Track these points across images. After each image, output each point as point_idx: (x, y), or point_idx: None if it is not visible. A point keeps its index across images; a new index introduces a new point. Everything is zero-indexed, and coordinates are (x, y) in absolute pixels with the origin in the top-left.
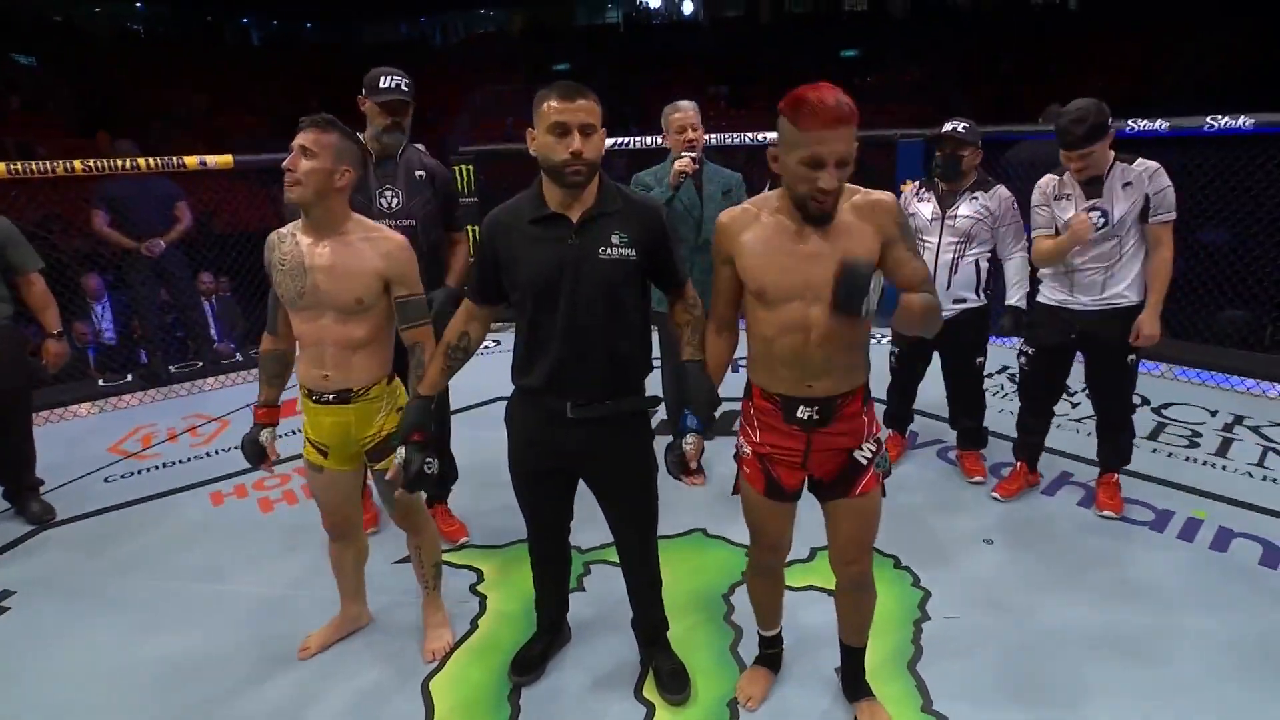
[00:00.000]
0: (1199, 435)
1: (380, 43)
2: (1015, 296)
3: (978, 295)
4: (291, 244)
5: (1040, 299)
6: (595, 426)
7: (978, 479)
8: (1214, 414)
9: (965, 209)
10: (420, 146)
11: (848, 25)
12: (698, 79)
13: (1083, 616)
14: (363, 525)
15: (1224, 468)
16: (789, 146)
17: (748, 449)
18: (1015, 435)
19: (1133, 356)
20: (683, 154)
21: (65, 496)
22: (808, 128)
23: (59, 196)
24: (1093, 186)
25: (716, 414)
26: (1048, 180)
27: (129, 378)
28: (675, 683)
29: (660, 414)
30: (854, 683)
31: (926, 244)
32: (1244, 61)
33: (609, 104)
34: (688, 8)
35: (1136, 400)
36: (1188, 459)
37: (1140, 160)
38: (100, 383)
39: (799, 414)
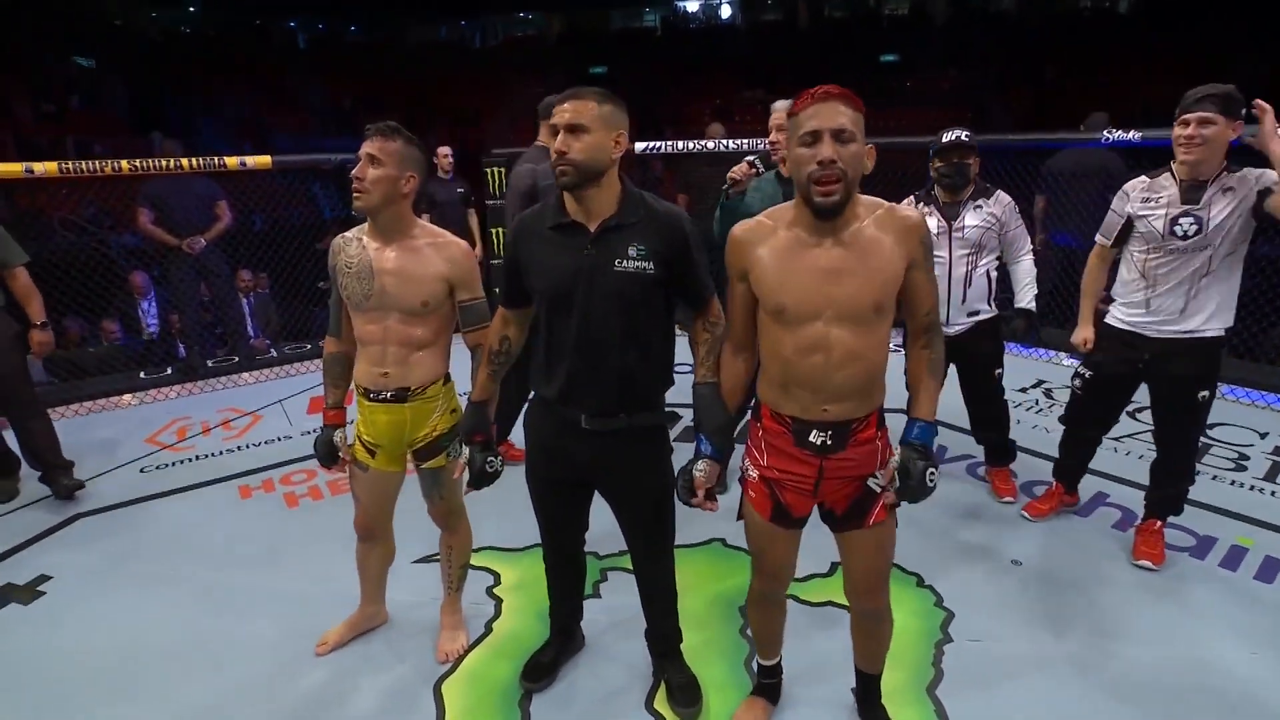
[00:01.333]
0: (1247, 458)
1: (422, 44)
2: (1026, 299)
3: (989, 306)
4: (358, 248)
5: (1109, 320)
6: (610, 439)
7: (1008, 499)
8: (1264, 436)
9: (972, 219)
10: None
11: (887, 30)
12: (734, 83)
13: (1112, 646)
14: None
15: (1274, 494)
16: (791, 138)
17: (754, 472)
18: (1056, 454)
19: (1204, 394)
20: (748, 159)
21: (102, 485)
22: (800, 108)
23: (110, 194)
24: (1192, 193)
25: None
26: (1136, 182)
27: (169, 371)
28: (686, 696)
29: (686, 421)
30: (870, 708)
31: (938, 259)
32: None
33: (644, 107)
34: (725, 12)
35: None
36: (1234, 483)
37: (1247, 168)
38: (142, 375)
39: (811, 438)
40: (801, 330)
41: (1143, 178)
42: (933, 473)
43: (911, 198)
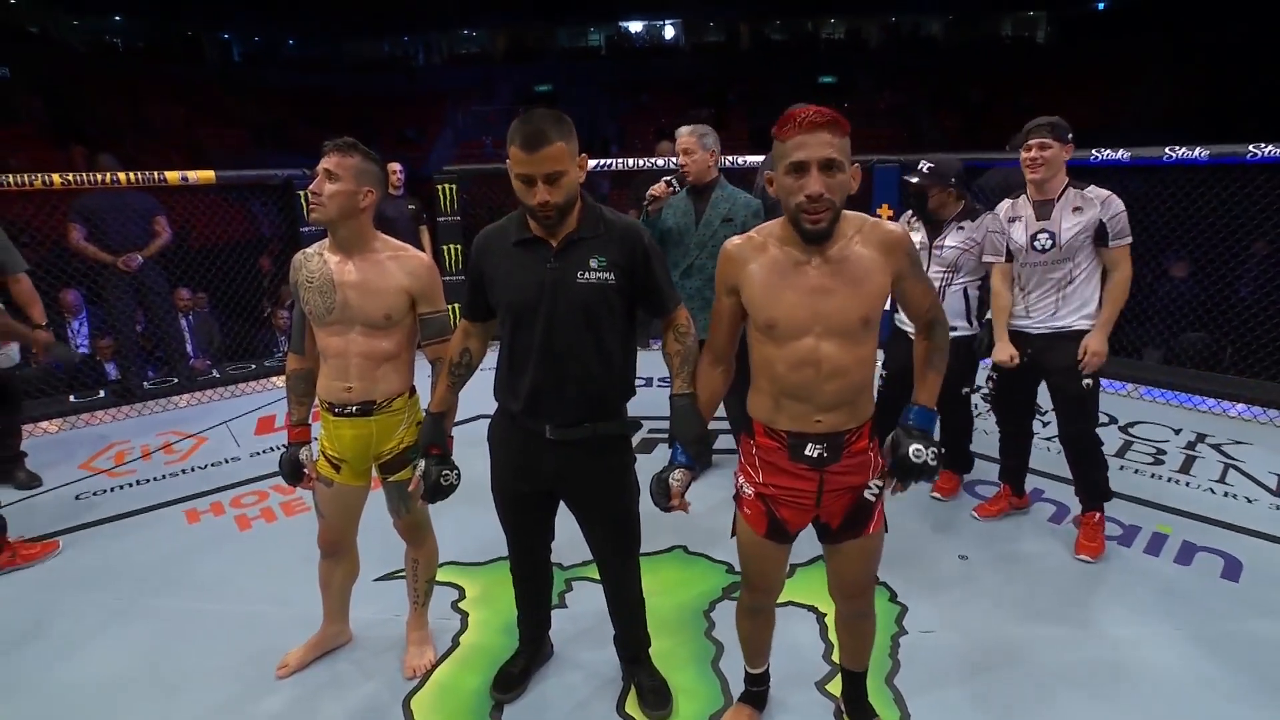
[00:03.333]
0: (1164, 453)
1: (362, 61)
2: None
3: (968, 323)
4: (319, 262)
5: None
6: (574, 449)
7: (936, 495)
8: (1178, 432)
9: (952, 239)
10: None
11: (825, 53)
12: (678, 103)
13: (1054, 630)
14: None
15: (1187, 484)
16: (777, 162)
17: (749, 490)
18: (992, 454)
19: (1088, 381)
20: (665, 179)
21: (33, 514)
22: (786, 136)
23: (34, 209)
24: (1043, 210)
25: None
26: (1003, 204)
27: (101, 394)
28: (657, 699)
29: (643, 433)
30: (858, 705)
31: None
32: (1199, 98)
33: (590, 126)
34: (669, 32)
35: (1104, 419)
36: (1153, 476)
37: (1093, 187)
38: (72, 398)
39: (808, 452)
40: (792, 345)
41: (1007, 200)
42: (919, 450)
43: (909, 212)
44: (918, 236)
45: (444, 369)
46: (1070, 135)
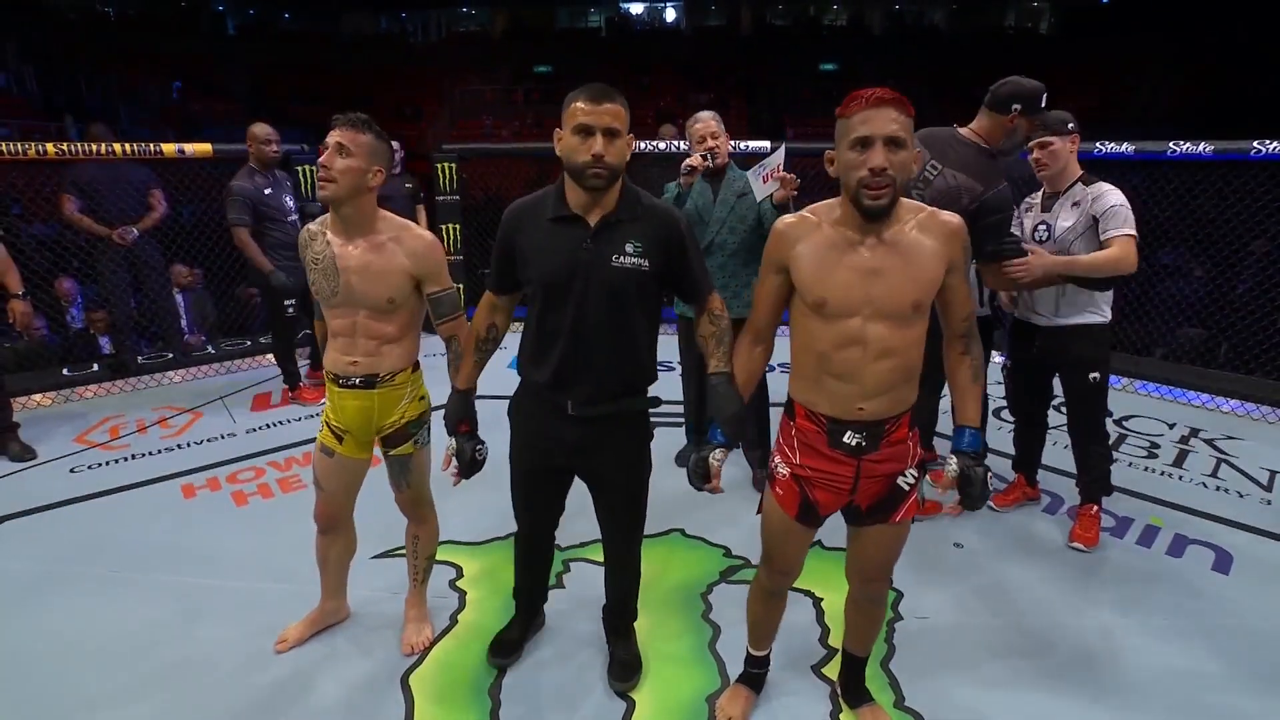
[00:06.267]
0: (1157, 447)
1: (359, 35)
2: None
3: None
4: (322, 243)
5: (1016, 315)
6: (596, 423)
7: (930, 482)
8: (1171, 426)
9: None
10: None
11: (827, 40)
12: (678, 86)
13: (1046, 616)
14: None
15: (1180, 478)
16: (840, 139)
17: (784, 470)
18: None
19: (1095, 375)
20: (698, 152)
21: (28, 485)
22: (852, 111)
23: (24, 180)
24: (1048, 202)
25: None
26: (1028, 199)
27: (94, 368)
28: (625, 671)
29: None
30: (855, 689)
31: None
32: (1202, 94)
33: None
34: (670, 15)
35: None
36: (1147, 469)
37: (1099, 183)
38: (65, 371)
39: (846, 439)
40: (840, 324)
41: (1033, 195)
42: (991, 476)
43: None
44: None
45: (470, 344)
46: (1071, 125)
